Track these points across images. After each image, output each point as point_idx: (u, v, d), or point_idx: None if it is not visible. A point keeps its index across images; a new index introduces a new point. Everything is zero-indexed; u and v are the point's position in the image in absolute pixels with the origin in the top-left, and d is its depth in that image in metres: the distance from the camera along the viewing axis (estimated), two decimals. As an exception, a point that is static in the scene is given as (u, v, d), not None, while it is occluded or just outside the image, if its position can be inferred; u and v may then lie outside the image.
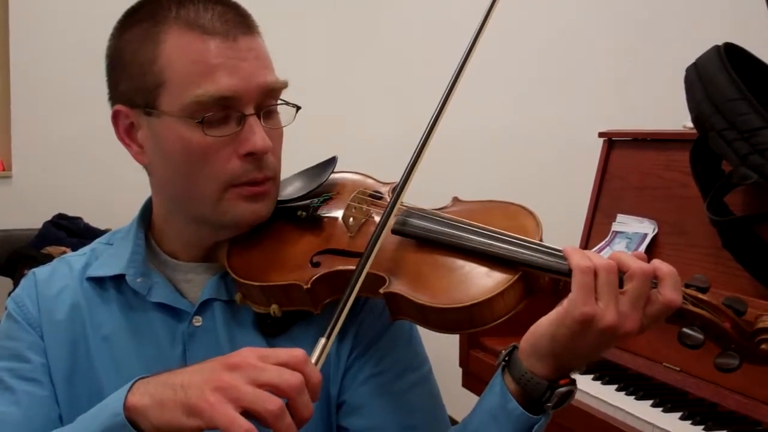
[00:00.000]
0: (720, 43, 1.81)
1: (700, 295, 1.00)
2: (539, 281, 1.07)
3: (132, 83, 1.13)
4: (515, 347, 1.05)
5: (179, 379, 0.94)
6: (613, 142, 2.31)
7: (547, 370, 1.01)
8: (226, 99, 1.09)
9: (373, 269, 1.08)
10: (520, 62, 3.58)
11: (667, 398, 1.76)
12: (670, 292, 0.97)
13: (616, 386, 1.86)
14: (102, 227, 4.28)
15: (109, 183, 4.42)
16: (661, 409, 1.72)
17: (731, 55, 1.77)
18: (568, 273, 0.99)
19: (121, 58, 1.15)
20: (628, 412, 1.73)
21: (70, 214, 4.32)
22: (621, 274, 0.98)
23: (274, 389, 0.89)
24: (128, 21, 1.16)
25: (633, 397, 1.80)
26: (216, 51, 1.09)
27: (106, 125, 1.18)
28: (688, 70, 1.84)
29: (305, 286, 1.10)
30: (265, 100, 1.14)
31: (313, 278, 1.11)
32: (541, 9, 3.46)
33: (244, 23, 1.14)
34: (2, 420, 1.13)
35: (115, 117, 1.17)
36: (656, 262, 0.99)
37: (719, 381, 1.75)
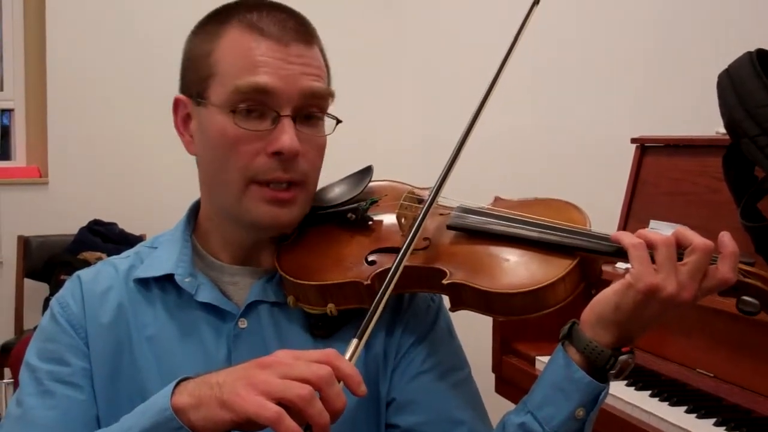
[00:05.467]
0: (752, 49, 1.81)
1: (750, 269, 1.06)
2: (593, 266, 1.12)
3: (190, 74, 1.21)
4: (575, 323, 1.10)
5: (215, 378, 0.97)
6: (645, 148, 2.31)
7: (610, 339, 1.07)
8: (262, 93, 1.13)
9: (434, 263, 1.13)
10: (553, 68, 3.58)
11: (701, 404, 1.77)
12: (728, 271, 1.03)
13: (649, 392, 1.87)
14: (137, 233, 4.34)
15: (144, 189, 4.47)
16: (695, 415, 1.73)
17: (763, 61, 1.77)
18: (621, 254, 1.06)
19: (188, 53, 1.22)
20: (661, 418, 1.74)
21: (106, 220, 4.38)
22: (682, 249, 1.03)
23: (304, 382, 0.92)
24: (203, 21, 1.23)
25: (667, 403, 1.81)
26: (265, 50, 1.14)
27: (141, 132, 1.22)
28: (720, 76, 1.84)
29: (365, 282, 1.14)
30: (305, 106, 1.17)
31: (373, 274, 1.15)
32: (574, 14, 3.46)
33: (301, 32, 1.18)
34: (41, 424, 1.15)
35: (175, 106, 1.23)
36: (725, 238, 1.04)
37: (754, 387, 1.75)
